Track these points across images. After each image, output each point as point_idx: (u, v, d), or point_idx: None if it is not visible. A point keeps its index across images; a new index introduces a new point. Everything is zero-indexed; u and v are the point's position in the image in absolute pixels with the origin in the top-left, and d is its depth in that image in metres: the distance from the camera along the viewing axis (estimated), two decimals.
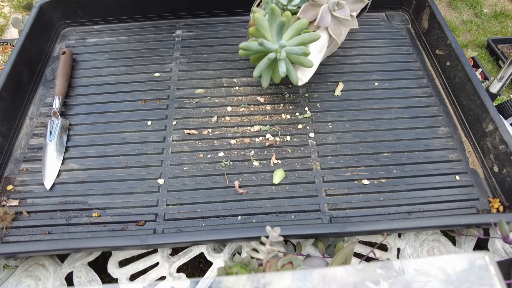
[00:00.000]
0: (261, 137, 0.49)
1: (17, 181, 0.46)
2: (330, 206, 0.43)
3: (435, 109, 0.53)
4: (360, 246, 0.42)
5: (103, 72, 0.57)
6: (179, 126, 0.51)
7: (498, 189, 0.44)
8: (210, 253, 0.41)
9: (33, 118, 0.52)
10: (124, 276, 0.40)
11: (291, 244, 0.44)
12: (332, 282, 0.24)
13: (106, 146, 0.49)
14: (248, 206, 0.43)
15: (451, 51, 0.53)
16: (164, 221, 0.42)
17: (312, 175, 0.46)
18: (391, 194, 0.44)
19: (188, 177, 0.46)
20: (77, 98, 0.54)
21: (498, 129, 0.45)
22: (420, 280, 0.27)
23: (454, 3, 1.72)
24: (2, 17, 1.59)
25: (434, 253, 0.42)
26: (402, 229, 0.40)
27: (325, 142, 0.49)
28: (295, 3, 0.45)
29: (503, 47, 1.47)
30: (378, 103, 0.53)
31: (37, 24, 0.58)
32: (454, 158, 0.48)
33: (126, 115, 0.52)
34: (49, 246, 0.37)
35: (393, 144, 0.49)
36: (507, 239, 0.35)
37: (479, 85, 0.48)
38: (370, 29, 0.63)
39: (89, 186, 0.45)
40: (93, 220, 0.43)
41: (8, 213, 0.43)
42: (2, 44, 1.28)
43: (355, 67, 0.58)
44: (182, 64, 0.58)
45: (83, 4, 0.61)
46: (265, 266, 0.29)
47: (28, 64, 0.55)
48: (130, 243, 0.37)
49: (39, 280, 0.40)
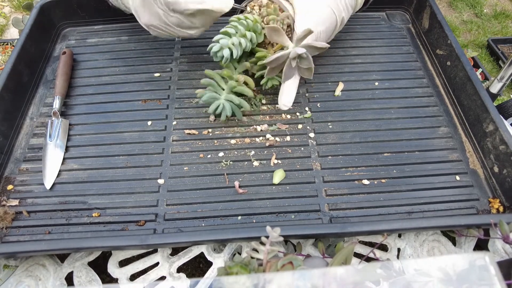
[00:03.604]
0: (261, 137, 0.49)
1: (17, 181, 0.46)
2: (330, 206, 0.43)
3: (435, 109, 0.53)
4: (360, 246, 0.42)
5: (103, 72, 0.57)
6: (179, 126, 0.51)
7: (498, 190, 0.44)
8: (210, 253, 0.41)
9: (33, 118, 0.52)
10: (124, 276, 0.40)
11: (291, 244, 0.44)
12: (332, 282, 0.24)
13: (106, 146, 0.49)
14: (248, 206, 0.43)
15: (452, 51, 0.53)
16: (164, 221, 0.42)
17: (312, 175, 0.46)
18: (391, 194, 0.44)
19: (188, 177, 0.46)
20: (77, 98, 0.54)
21: (498, 130, 0.45)
22: (420, 280, 0.27)
23: (454, 3, 1.72)
24: (2, 17, 1.59)
25: (434, 253, 0.42)
26: (402, 230, 0.40)
27: (325, 142, 0.49)
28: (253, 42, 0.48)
29: (503, 47, 1.47)
30: (378, 103, 0.53)
31: (37, 24, 0.58)
32: (454, 158, 0.48)
33: (126, 115, 0.52)
34: (49, 246, 0.37)
35: (393, 144, 0.49)
36: (507, 239, 0.35)
37: (480, 85, 0.48)
38: (370, 29, 0.63)
39: (89, 186, 0.45)
40: (93, 220, 0.43)
41: (8, 213, 0.43)
42: (2, 44, 1.28)
43: (355, 67, 0.58)
44: (182, 64, 0.58)
45: (83, 4, 0.61)
46: (265, 266, 0.29)
47: (28, 64, 0.55)
48: (130, 243, 0.37)
49: (39, 280, 0.40)
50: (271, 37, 0.45)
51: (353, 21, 0.64)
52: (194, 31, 0.49)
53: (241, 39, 0.45)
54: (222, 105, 0.48)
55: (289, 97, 0.47)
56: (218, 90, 0.48)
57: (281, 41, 0.45)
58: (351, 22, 0.63)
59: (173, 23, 0.47)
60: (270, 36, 0.45)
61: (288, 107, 0.47)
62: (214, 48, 0.45)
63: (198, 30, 0.49)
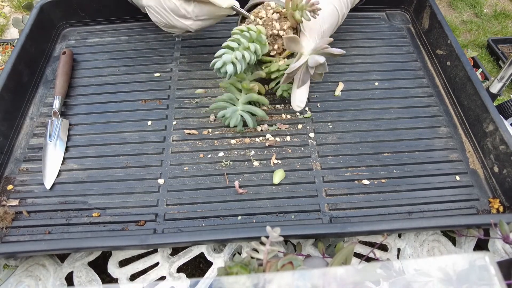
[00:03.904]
0: (261, 137, 0.49)
1: (17, 181, 0.46)
2: (330, 206, 0.43)
3: (435, 109, 0.53)
4: (360, 246, 0.42)
5: (103, 72, 0.57)
6: (179, 126, 0.51)
7: (498, 190, 0.44)
8: (210, 253, 0.41)
9: (33, 118, 0.52)
10: (124, 276, 0.40)
11: (291, 244, 0.44)
12: (332, 282, 0.24)
13: (106, 146, 0.49)
14: (248, 206, 0.43)
15: (452, 51, 0.53)
16: (164, 221, 0.42)
17: (312, 175, 0.46)
18: (391, 194, 0.44)
19: (188, 177, 0.46)
20: (77, 98, 0.54)
21: (498, 130, 0.45)
22: (420, 280, 0.27)
23: (454, 3, 1.72)
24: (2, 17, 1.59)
25: (434, 253, 0.42)
26: (402, 230, 0.40)
27: (325, 142, 0.49)
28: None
29: (503, 47, 1.47)
30: (378, 103, 0.53)
31: (37, 24, 0.58)
32: (454, 158, 0.48)
33: (126, 115, 0.52)
34: (49, 246, 0.37)
35: (393, 144, 0.49)
36: (507, 239, 0.35)
37: (480, 85, 0.48)
38: (370, 29, 0.63)
39: (89, 186, 0.45)
40: (93, 220, 0.43)
41: (8, 213, 0.43)
42: (2, 44, 1.28)
43: (355, 67, 0.58)
44: (182, 64, 0.58)
45: (83, 4, 0.61)
46: (265, 266, 0.29)
47: (28, 64, 0.55)
48: (130, 243, 0.37)
49: (39, 280, 0.40)
50: (289, 46, 0.45)
51: (353, 21, 0.64)
52: (189, 22, 0.48)
53: (245, 52, 0.44)
54: (240, 116, 0.48)
55: (303, 97, 0.48)
56: (234, 102, 0.49)
57: (298, 49, 0.45)
58: (351, 22, 0.63)
59: (170, 8, 0.47)
60: (287, 45, 0.44)
61: (302, 108, 0.48)
62: (217, 64, 0.44)
63: (194, 23, 0.49)
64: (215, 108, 0.49)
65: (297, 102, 0.48)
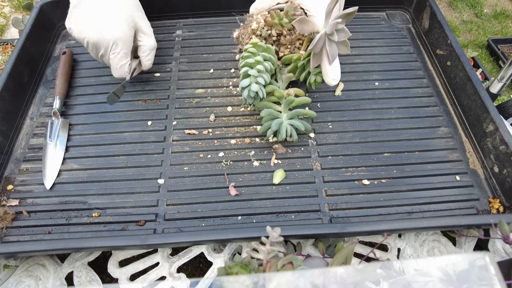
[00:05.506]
0: (261, 137, 0.49)
1: (17, 181, 0.46)
2: (330, 206, 0.43)
3: (435, 109, 0.53)
4: (360, 246, 0.42)
5: (103, 72, 0.57)
6: (179, 126, 0.51)
7: (498, 190, 0.44)
8: (210, 253, 0.41)
9: (34, 118, 0.52)
10: (124, 276, 0.40)
11: (291, 244, 0.44)
12: (332, 282, 0.24)
13: (106, 146, 0.49)
14: (248, 206, 0.43)
15: (452, 51, 0.53)
16: (164, 221, 0.42)
17: (312, 175, 0.46)
18: (391, 194, 0.44)
19: (188, 177, 0.46)
20: (77, 98, 0.54)
21: (498, 130, 0.45)
22: (420, 280, 0.27)
23: (454, 3, 1.72)
24: (2, 17, 1.59)
25: (434, 253, 0.42)
26: (402, 230, 0.40)
27: (325, 142, 0.49)
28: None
29: (503, 47, 1.47)
30: (379, 103, 0.53)
31: (37, 24, 0.58)
32: (454, 158, 0.48)
33: (126, 115, 0.52)
34: (49, 246, 0.37)
35: (393, 144, 0.49)
36: (507, 239, 0.35)
37: (480, 85, 0.48)
38: (371, 29, 0.63)
39: (89, 186, 0.45)
40: (93, 220, 0.43)
41: (8, 213, 0.43)
42: (2, 44, 1.28)
43: (355, 67, 0.58)
44: (182, 64, 0.58)
45: None
46: (265, 266, 0.29)
47: (28, 64, 0.55)
48: (130, 243, 0.37)
49: (39, 280, 0.40)
50: (302, 29, 0.44)
51: (353, 21, 0.64)
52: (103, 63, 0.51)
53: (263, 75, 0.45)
54: (287, 128, 0.46)
55: (337, 72, 0.46)
56: (278, 115, 0.47)
57: (312, 28, 0.45)
58: (351, 22, 0.63)
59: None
60: (300, 28, 0.44)
61: (338, 81, 0.46)
62: (249, 94, 0.44)
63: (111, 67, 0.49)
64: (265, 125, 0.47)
65: (332, 76, 0.45)
